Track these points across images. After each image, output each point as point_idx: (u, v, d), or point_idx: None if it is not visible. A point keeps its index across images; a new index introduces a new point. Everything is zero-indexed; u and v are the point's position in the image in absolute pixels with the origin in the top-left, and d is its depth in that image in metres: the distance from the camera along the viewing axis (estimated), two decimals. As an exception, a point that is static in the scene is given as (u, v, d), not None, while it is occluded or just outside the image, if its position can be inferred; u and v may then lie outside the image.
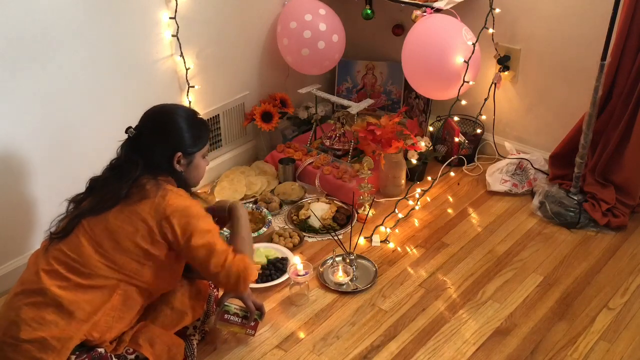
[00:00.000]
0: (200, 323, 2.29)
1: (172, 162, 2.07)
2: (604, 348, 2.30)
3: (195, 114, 2.17)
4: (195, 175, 2.18)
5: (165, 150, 2.06)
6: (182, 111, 2.13)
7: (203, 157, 2.18)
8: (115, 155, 2.09)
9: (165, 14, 2.75)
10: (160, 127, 2.07)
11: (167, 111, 2.12)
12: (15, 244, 2.56)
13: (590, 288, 2.56)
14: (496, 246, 2.80)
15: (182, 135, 2.07)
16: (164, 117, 2.09)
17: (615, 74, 2.79)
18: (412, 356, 2.28)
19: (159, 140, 2.06)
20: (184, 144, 2.08)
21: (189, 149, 2.10)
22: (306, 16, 3.11)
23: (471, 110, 3.27)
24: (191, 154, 2.11)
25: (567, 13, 2.92)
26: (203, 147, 2.16)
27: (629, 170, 2.84)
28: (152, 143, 2.05)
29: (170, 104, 2.18)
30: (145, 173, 2.01)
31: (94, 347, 1.94)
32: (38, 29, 2.35)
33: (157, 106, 2.14)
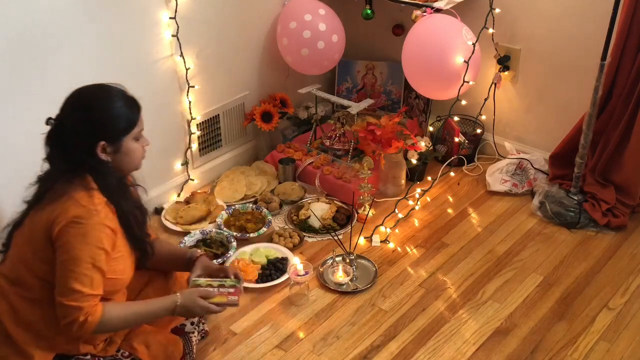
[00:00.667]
0: (197, 319, 2.27)
1: (95, 153, 1.84)
2: (604, 348, 2.30)
3: (123, 92, 1.91)
4: (128, 161, 1.93)
5: (87, 140, 1.83)
6: (106, 92, 1.88)
7: (136, 139, 1.92)
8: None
9: (165, 14, 2.75)
10: (80, 113, 1.84)
11: (88, 94, 1.87)
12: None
13: (590, 288, 2.56)
14: (496, 246, 2.80)
15: (104, 120, 1.84)
16: (85, 101, 1.86)
17: (615, 74, 2.79)
18: (412, 356, 2.28)
19: (79, 129, 1.82)
20: (107, 130, 1.84)
21: (114, 135, 1.86)
22: (306, 16, 3.11)
23: (471, 110, 3.27)
24: (118, 140, 1.87)
25: (567, 13, 2.92)
26: (132, 130, 1.89)
27: (629, 170, 2.84)
28: (71, 133, 1.82)
29: (93, 84, 1.91)
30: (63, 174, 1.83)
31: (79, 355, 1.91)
32: (38, 29, 2.35)
33: (79, 89, 1.89)
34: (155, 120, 2.88)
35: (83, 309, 1.77)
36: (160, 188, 3.03)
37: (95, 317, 1.80)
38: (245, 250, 2.73)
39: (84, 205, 1.79)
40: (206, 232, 2.81)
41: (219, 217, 2.91)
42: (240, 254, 2.70)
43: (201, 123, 3.10)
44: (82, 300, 1.77)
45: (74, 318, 1.77)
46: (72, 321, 1.77)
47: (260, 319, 2.44)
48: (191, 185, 3.14)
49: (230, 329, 2.40)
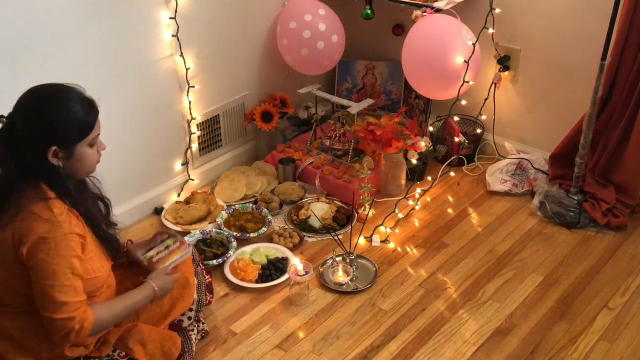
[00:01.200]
0: (194, 313, 2.25)
1: (46, 158, 1.76)
2: (604, 348, 2.30)
3: (81, 95, 1.81)
4: (80, 167, 1.85)
5: (38, 144, 1.74)
6: (64, 94, 1.79)
7: (91, 145, 1.84)
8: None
9: (165, 14, 2.75)
10: (33, 115, 1.74)
11: (45, 95, 1.78)
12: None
13: (590, 288, 2.56)
14: (496, 246, 2.80)
15: (58, 125, 1.75)
16: (40, 103, 1.77)
17: (615, 74, 2.79)
18: (412, 356, 2.28)
19: (31, 131, 1.73)
20: (60, 136, 1.76)
21: (67, 141, 1.77)
22: (306, 16, 3.11)
23: (471, 110, 3.27)
24: (71, 145, 1.79)
25: (567, 13, 2.92)
26: (87, 136, 1.81)
27: (629, 170, 2.84)
28: (23, 135, 1.73)
29: (51, 84, 1.82)
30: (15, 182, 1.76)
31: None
32: (37, 28, 2.35)
33: (35, 88, 1.80)
34: (155, 120, 2.90)
35: (75, 318, 1.75)
36: (160, 188, 3.03)
37: (89, 322, 1.79)
38: (245, 250, 2.73)
39: (46, 219, 1.73)
40: (206, 232, 2.81)
41: (219, 217, 2.91)
42: (240, 254, 2.70)
43: (201, 123, 3.10)
44: (71, 310, 1.75)
45: (69, 329, 1.75)
46: (67, 333, 1.75)
47: (260, 319, 2.44)
48: (191, 185, 3.14)
49: (230, 329, 2.40)
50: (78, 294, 1.77)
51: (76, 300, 1.76)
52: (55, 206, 1.76)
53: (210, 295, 2.37)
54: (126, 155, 2.81)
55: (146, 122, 2.85)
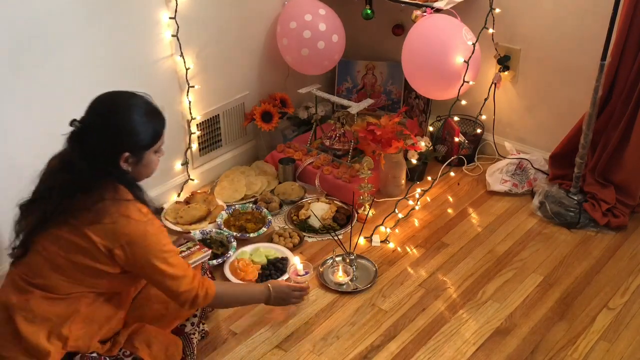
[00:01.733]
0: (198, 320, 2.28)
1: (118, 163, 1.85)
2: (604, 348, 2.30)
3: (150, 105, 1.91)
4: (145, 172, 1.97)
5: (111, 150, 1.84)
6: (136, 103, 1.88)
7: (155, 152, 1.95)
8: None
9: (165, 14, 2.75)
10: (108, 121, 1.83)
11: (116, 102, 1.87)
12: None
13: (590, 288, 2.56)
14: (496, 246, 2.80)
15: (132, 132, 1.84)
16: (112, 110, 1.85)
17: (615, 74, 2.79)
18: (412, 356, 2.28)
19: (105, 137, 1.82)
20: (133, 142, 1.85)
21: (139, 148, 1.87)
22: (306, 16, 3.11)
23: (471, 110, 3.27)
24: (141, 152, 1.89)
25: (567, 13, 2.92)
26: (156, 143, 1.93)
27: (629, 170, 2.84)
28: (96, 141, 1.82)
29: (122, 92, 1.90)
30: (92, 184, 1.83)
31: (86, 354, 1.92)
32: (37, 28, 2.35)
33: (106, 95, 1.89)
34: (155, 120, 2.89)
35: (196, 287, 1.98)
36: (160, 188, 3.03)
37: (212, 290, 2.03)
38: (245, 250, 2.73)
39: (138, 219, 1.85)
40: (206, 232, 2.81)
41: (219, 217, 2.91)
42: (240, 254, 2.70)
43: (201, 123, 3.10)
44: (189, 281, 1.96)
45: (195, 295, 1.98)
46: (194, 298, 1.98)
47: (260, 319, 2.44)
48: (191, 185, 3.14)
49: (230, 329, 2.40)
50: (185, 264, 2.00)
51: (190, 273, 1.98)
52: (140, 207, 1.89)
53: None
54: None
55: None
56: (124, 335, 2.01)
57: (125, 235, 1.82)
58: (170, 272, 1.91)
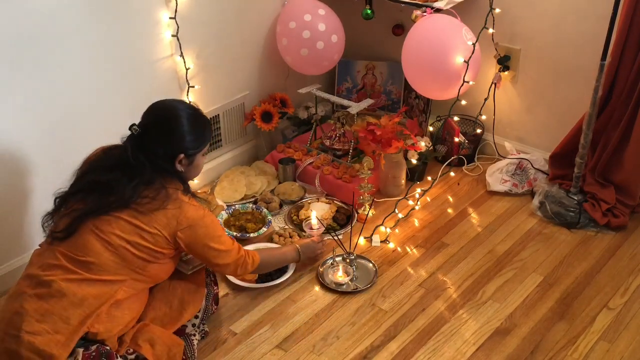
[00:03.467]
0: (199, 321, 2.29)
1: (174, 163, 2.09)
2: (604, 348, 2.30)
3: (199, 112, 2.16)
4: (195, 173, 2.22)
5: (168, 152, 2.07)
6: (186, 110, 2.12)
7: (203, 154, 2.20)
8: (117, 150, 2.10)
9: (165, 14, 2.75)
10: (165, 127, 2.07)
11: (172, 110, 2.10)
12: (15, 243, 2.55)
13: (590, 288, 2.56)
14: (496, 246, 2.80)
15: (186, 137, 2.08)
16: (169, 117, 2.08)
17: (615, 74, 2.79)
18: (412, 356, 2.28)
19: (163, 141, 2.06)
20: (187, 145, 2.09)
21: (192, 150, 2.11)
22: (305, 16, 3.11)
23: (471, 110, 3.27)
24: (193, 155, 2.13)
25: (567, 13, 2.92)
26: (205, 147, 2.17)
27: (629, 170, 2.84)
28: (155, 144, 2.05)
29: (174, 100, 2.17)
30: (153, 176, 2.03)
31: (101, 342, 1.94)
32: (38, 28, 2.35)
33: (161, 103, 2.13)
34: (155, 120, 2.90)
35: (243, 256, 2.26)
36: (160, 188, 3.03)
37: (257, 258, 2.34)
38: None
39: (195, 205, 2.11)
40: (206, 232, 2.81)
41: (219, 217, 2.91)
42: (240, 254, 2.70)
43: (201, 123, 3.10)
44: (236, 252, 2.23)
45: (244, 261, 2.27)
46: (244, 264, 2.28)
47: (260, 319, 2.44)
48: (191, 185, 3.13)
49: (230, 329, 2.40)
50: (234, 242, 2.25)
51: (236, 246, 2.25)
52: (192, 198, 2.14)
53: (216, 307, 2.41)
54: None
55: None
56: (130, 335, 2.04)
57: (188, 219, 2.06)
58: (223, 248, 2.18)
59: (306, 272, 2.67)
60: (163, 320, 2.16)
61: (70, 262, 1.94)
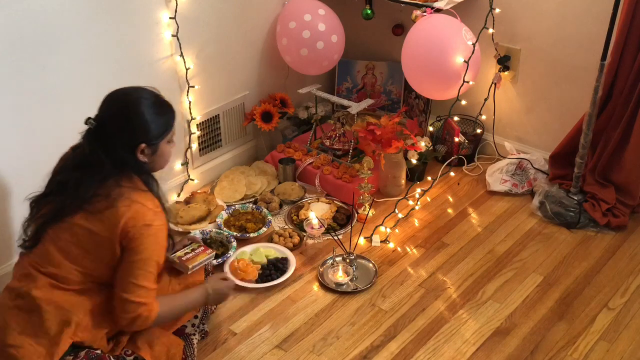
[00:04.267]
0: (199, 321, 2.29)
1: (136, 155, 1.94)
2: (604, 348, 2.30)
3: (159, 97, 2.00)
4: (161, 162, 2.06)
5: (128, 143, 1.92)
6: (146, 96, 1.96)
7: (168, 142, 2.03)
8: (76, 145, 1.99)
9: (165, 14, 2.75)
10: (122, 116, 1.92)
11: (129, 98, 1.95)
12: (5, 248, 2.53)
13: (590, 288, 2.56)
14: (496, 246, 2.80)
15: (146, 125, 1.93)
16: (126, 105, 1.93)
17: (615, 74, 2.79)
18: (412, 356, 2.28)
19: (121, 131, 1.91)
20: (148, 134, 1.94)
21: (154, 139, 1.96)
22: (305, 16, 3.11)
23: (471, 110, 3.27)
24: (156, 143, 1.97)
25: (568, 13, 2.92)
26: (168, 134, 2.01)
27: (629, 170, 2.84)
28: (113, 135, 1.91)
29: (131, 88, 1.99)
30: (110, 173, 1.90)
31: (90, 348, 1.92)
32: (38, 28, 2.35)
33: (118, 92, 1.97)
34: (155, 120, 2.89)
35: (147, 305, 1.93)
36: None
37: (155, 312, 1.96)
38: (245, 250, 2.73)
39: (150, 208, 1.93)
40: (206, 232, 2.81)
41: (219, 217, 2.91)
42: (240, 254, 2.70)
43: (201, 123, 3.10)
44: (146, 296, 1.93)
45: (139, 313, 1.91)
46: (136, 316, 1.92)
47: (260, 319, 2.44)
48: (191, 185, 3.14)
49: (230, 329, 2.40)
50: (155, 282, 1.97)
51: (152, 288, 1.95)
52: (153, 198, 1.97)
53: (215, 306, 2.40)
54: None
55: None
56: (126, 335, 2.02)
57: (138, 218, 1.88)
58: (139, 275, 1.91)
59: (306, 272, 2.67)
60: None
61: (38, 272, 1.90)
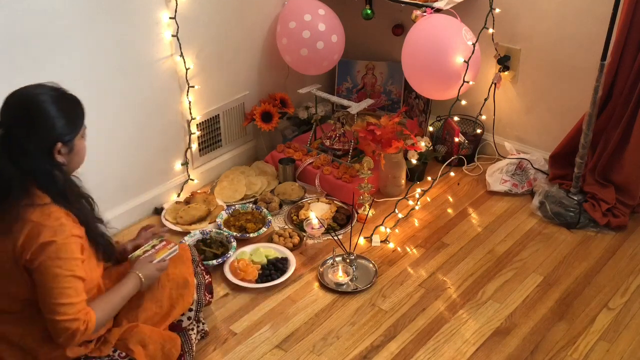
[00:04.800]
0: (194, 313, 2.24)
1: (53, 156, 1.81)
2: (604, 348, 2.30)
3: (63, 92, 1.86)
4: (77, 160, 1.92)
5: (42, 145, 1.78)
6: (48, 93, 1.82)
7: (82, 137, 1.90)
8: None
9: (165, 14, 2.75)
10: (28, 119, 1.77)
11: (31, 98, 1.80)
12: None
13: (590, 288, 2.56)
14: (496, 246, 2.80)
15: (56, 123, 1.79)
16: (30, 106, 1.78)
17: (615, 74, 2.79)
18: (412, 356, 2.28)
19: (31, 135, 1.77)
20: (60, 132, 1.80)
21: (67, 136, 1.82)
22: (305, 16, 3.11)
23: (471, 110, 3.27)
24: (71, 140, 1.84)
25: (568, 13, 2.92)
26: (80, 128, 1.87)
27: (629, 170, 2.84)
28: (22, 141, 1.76)
29: (30, 86, 1.84)
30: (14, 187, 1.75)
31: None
32: (38, 28, 2.35)
33: (15, 93, 1.81)
34: (155, 120, 2.90)
35: (79, 319, 1.78)
36: (160, 188, 3.03)
37: (92, 321, 1.82)
38: (245, 250, 2.73)
39: (46, 225, 1.75)
40: (206, 232, 2.81)
41: (219, 217, 2.91)
42: (240, 254, 2.70)
43: (201, 123, 3.10)
44: (74, 311, 1.77)
45: (75, 329, 1.77)
46: (72, 333, 1.77)
47: (260, 319, 2.44)
48: (191, 185, 3.14)
49: (230, 329, 2.40)
50: (79, 294, 1.80)
51: (78, 301, 1.79)
52: (53, 211, 1.79)
53: (210, 296, 2.37)
54: (126, 156, 2.81)
55: (146, 122, 2.85)
56: (115, 335, 1.97)
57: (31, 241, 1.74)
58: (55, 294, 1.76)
59: (306, 272, 2.67)
60: (154, 319, 2.09)
61: None
